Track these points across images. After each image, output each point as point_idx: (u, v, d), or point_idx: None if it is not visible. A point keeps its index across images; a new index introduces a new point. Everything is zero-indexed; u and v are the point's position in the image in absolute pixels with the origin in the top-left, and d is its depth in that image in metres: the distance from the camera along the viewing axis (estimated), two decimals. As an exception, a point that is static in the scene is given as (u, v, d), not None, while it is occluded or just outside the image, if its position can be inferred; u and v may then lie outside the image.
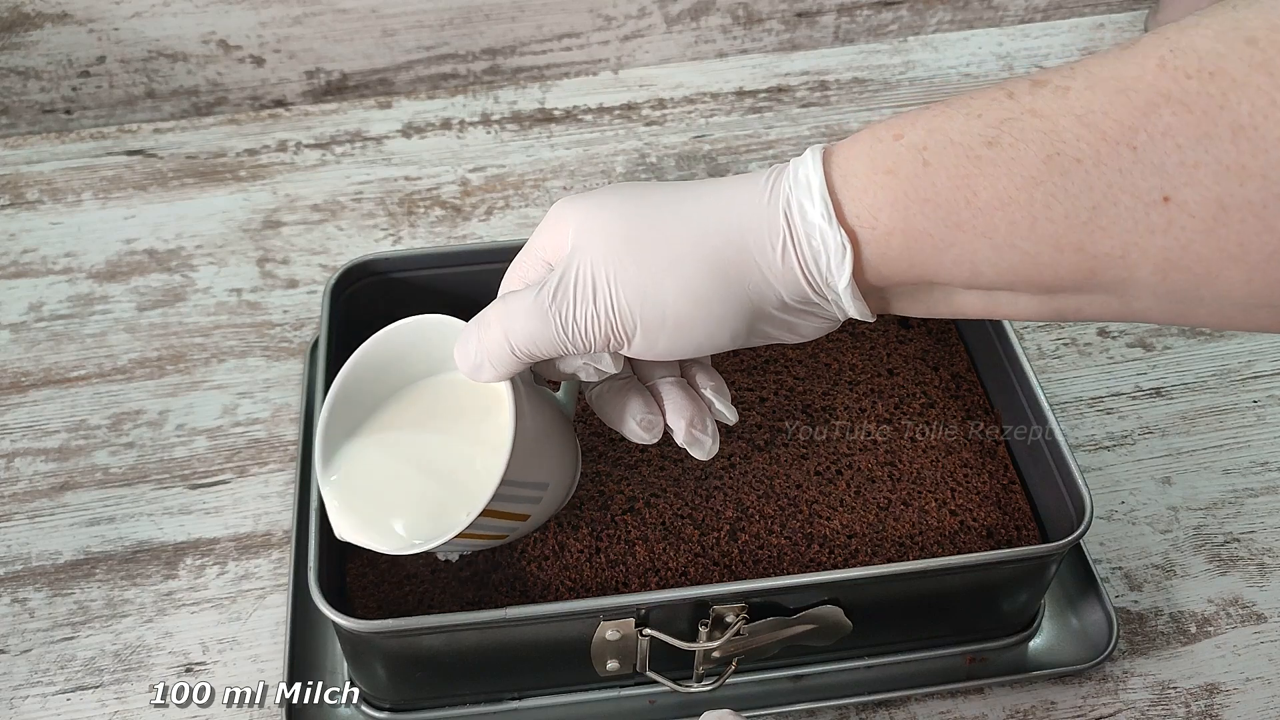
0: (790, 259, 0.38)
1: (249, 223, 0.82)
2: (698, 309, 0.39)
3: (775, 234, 0.38)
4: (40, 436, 0.69)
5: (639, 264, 0.39)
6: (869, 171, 0.37)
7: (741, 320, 0.40)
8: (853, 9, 0.96)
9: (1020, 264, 0.35)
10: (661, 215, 0.40)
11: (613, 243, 0.40)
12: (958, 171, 0.35)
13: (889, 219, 0.36)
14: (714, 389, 0.46)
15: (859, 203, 0.37)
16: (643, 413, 0.45)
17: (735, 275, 0.39)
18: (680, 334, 0.40)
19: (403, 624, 0.49)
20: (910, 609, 0.55)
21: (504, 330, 0.42)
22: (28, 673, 0.58)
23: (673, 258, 0.39)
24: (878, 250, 0.37)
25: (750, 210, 0.39)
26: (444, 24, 0.90)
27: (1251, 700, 0.57)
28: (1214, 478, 0.67)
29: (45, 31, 0.85)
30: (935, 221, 0.35)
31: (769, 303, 0.39)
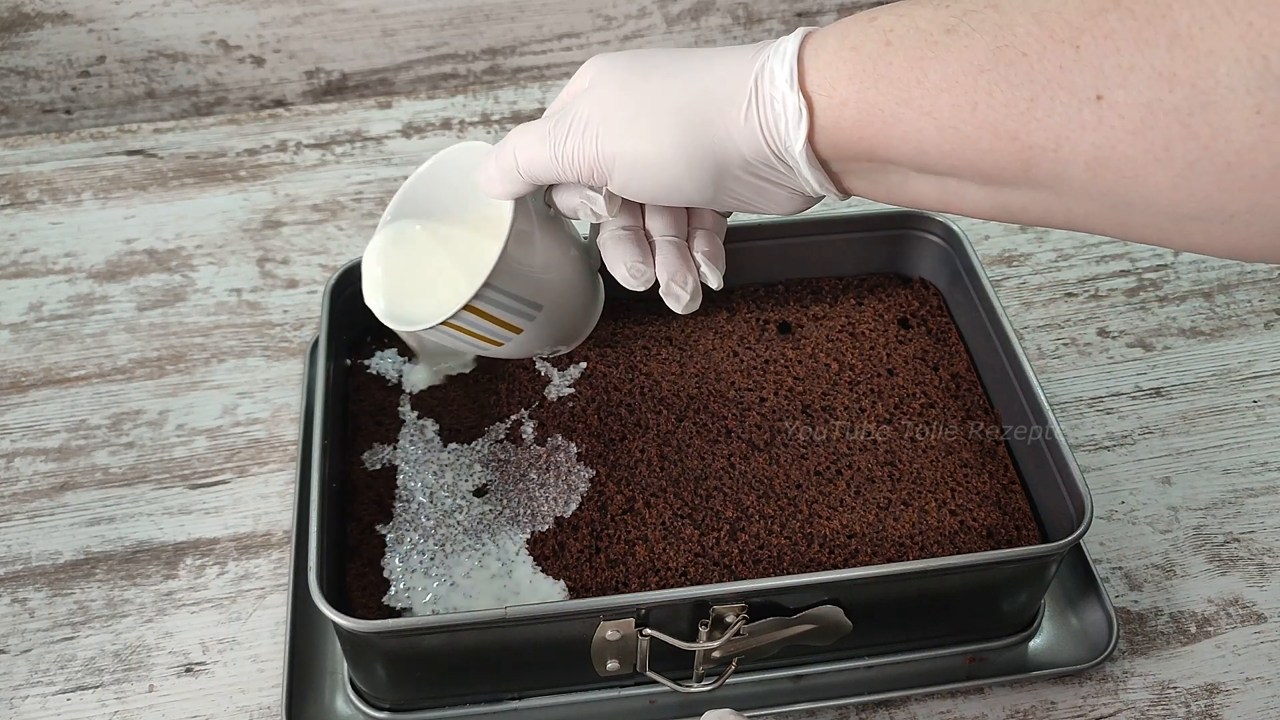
0: (752, 118, 0.41)
1: (249, 223, 0.82)
2: (662, 152, 0.42)
3: (742, 92, 0.41)
4: (40, 436, 0.69)
5: (625, 107, 0.43)
6: (837, 47, 0.39)
7: (705, 172, 0.43)
8: (853, 9, 0.96)
9: (961, 147, 0.37)
10: (657, 69, 0.44)
11: (611, 88, 0.44)
12: (914, 54, 0.37)
13: (845, 90, 0.39)
14: (706, 253, 0.49)
15: (821, 73, 0.40)
16: (633, 260, 0.48)
17: (701, 128, 0.42)
18: (648, 175, 0.43)
19: (403, 624, 0.49)
20: (910, 609, 0.55)
21: (513, 149, 0.46)
22: (28, 673, 0.58)
23: (651, 104, 0.43)
24: (832, 118, 0.40)
25: (727, 71, 0.42)
26: (444, 24, 0.90)
27: (1251, 700, 0.57)
28: (1214, 478, 0.67)
29: (45, 31, 0.85)
30: (887, 97, 0.38)
31: (732, 160, 0.42)
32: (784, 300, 0.68)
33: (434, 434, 0.61)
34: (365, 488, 0.59)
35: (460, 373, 0.64)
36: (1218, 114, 0.31)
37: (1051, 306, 0.76)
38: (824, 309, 0.67)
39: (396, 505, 0.58)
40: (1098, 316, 0.76)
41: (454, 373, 0.64)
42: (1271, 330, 0.75)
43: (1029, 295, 0.77)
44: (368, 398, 0.63)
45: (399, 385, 0.64)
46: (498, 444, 0.61)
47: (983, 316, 0.63)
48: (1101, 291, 0.77)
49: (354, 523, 0.58)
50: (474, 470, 0.60)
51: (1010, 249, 0.80)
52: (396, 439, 0.61)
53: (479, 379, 0.64)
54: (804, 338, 0.66)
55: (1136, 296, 0.77)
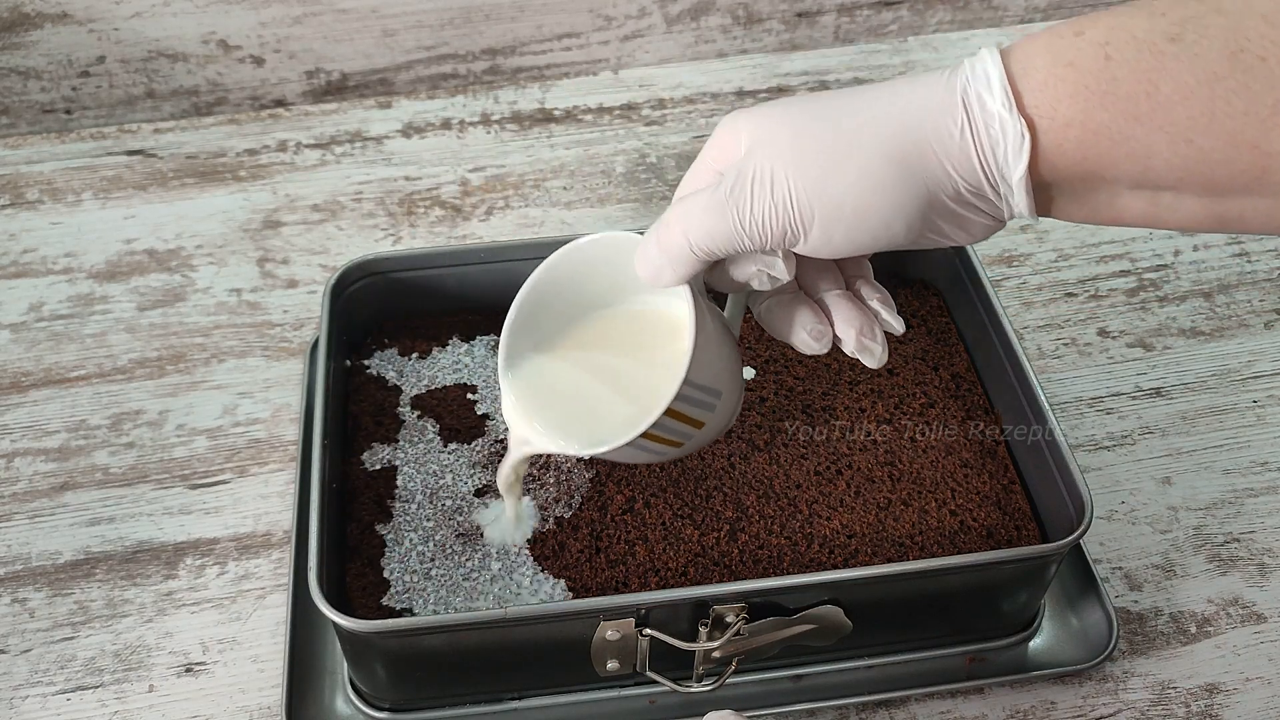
0: (968, 146, 0.39)
1: (249, 223, 0.82)
2: (876, 196, 0.39)
3: (954, 122, 0.39)
4: (40, 436, 0.69)
5: (817, 155, 0.40)
6: (1049, 65, 0.37)
7: (917, 209, 0.40)
8: (853, 9, 0.96)
9: (1194, 160, 0.35)
10: (838, 110, 0.40)
11: (789, 138, 0.40)
12: (1139, 66, 0.35)
13: (1068, 110, 0.37)
14: (880, 299, 0.46)
15: (1039, 94, 0.37)
16: (813, 323, 0.45)
17: (914, 162, 0.39)
18: (857, 224, 0.40)
19: (403, 624, 0.49)
20: (910, 609, 0.55)
21: (683, 228, 0.42)
22: (28, 673, 0.58)
23: (851, 147, 0.39)
24: (1054, 141, 0.38)
25: (929, 100, 0.39)
26: (444, 24, 0.90)
27: (1251, 700, 0.57)
28: (1214, 478, 0.67)
29: (45, 31, 0.85)
30: (1114, 114, 0.36)
31: (945, 191, 0.40)
32: (784, 300, 0.68)
33: (434, 434, 0.61)
34: (365, 488, 0.59)
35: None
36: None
37: (1051, 306, 0.76)
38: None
39: (396, 505, 0.58)
40: (1098, 316, 0.76)
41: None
42: (1271, 330, 0.75)
43: (1029, 295, 0.77)
44: (368, 398, 0.63)
45: (399, 385, 0.64)
46: (498, 444, 0.61)
47: (983, 316, 0.63)
48: (1101, 291, 0.77)
49: (354, 523, 0.58)
50: (474, 470, 0.60)
51: (1010, 249, 0.80)
52: (396, 439, 0.61)
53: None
54: (804, 338, 0.66)
55: (1136, 296, 0.77)
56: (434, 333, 0.66)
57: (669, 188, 0.84)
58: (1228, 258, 0.79)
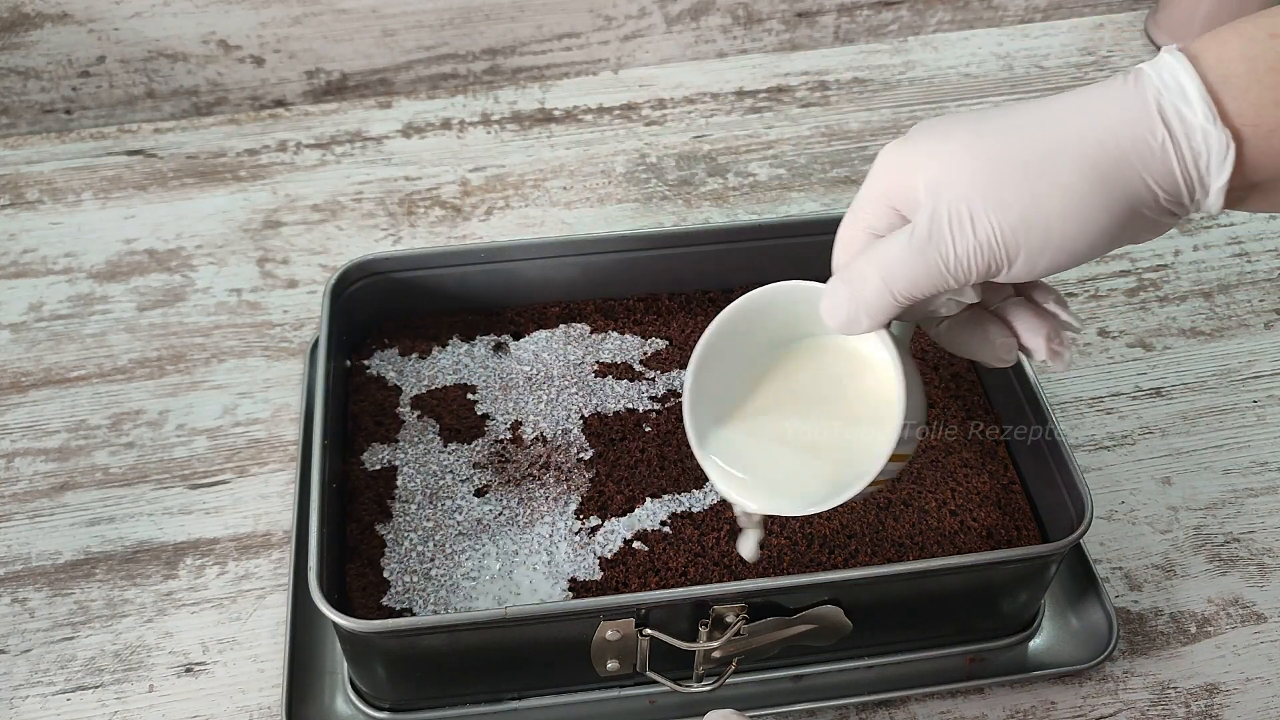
0: (1170, 159, 0.38)
1: (249, 223, 0.82)
2: (1084, 224, 0.39)
3: (1154, 136, 0.38)
4: (40, 436, 0.69)
5: (1015, 188, 0.39)
6: (1248, 71, 0.37)
7: (1121, 226, 0.39)
8: (853, 9, 0.96)
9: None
10: (1023, 133, 0.39)
11: (979, 172, 0.39)
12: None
13: (1273, 117, 0.37)
14: (1055, 300, 0.46)
15: (1240, 101, 0.37)
16: (1001, 337, 0.45)
17: (1115, 181, 0.38)
18: (1063, 250, 0.40)
19: (403, 624, 0.49)
20: (910, 609, 0.55)
21: (883, 277, 0.42)
22: (28, 673, 0.58)
23: (1050, 174, 0.39)
24: (1258, 149, 0.37)
25: (1122, 116, 0.38)
26: (444, 24, 0.90)
27: (1251, 700, 0.57)
28: (1214, 478, 0.67)
29: (45, 31, 0.85)
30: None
31: (1147, 205, 0.39)
32: (784, 300, 0.68)
33: (434, 434, 0.61)
34: (365, 488, 0.59)
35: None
36: None
37: (1051, 306, 0.76)
38: (824, 309, 0.67)
39: (396, 505, 0.58)
40: (1098, 316, 0.76)
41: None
42: (1271, 330, 0.75)
43: (1029, 295, 0.77)
44: (368, 398, 0.63)
45: (399, 385, 0.64)
46: (498, 444, 0.61)
47: (983, 316, 0.63)
48: (1101, 291, 0.77)
49: (354, 523, 0.58)
50: (474, 470, 0.60)
51: (1010, 249, 0.80)
52: (396, 439, 0.61)
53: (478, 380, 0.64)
54: (804, 338, 0.66)
55: (1136, 296, 0.77)
56: (434, 333, 0.66)
57: (669, 188, 0.84)
58: (1228, 258, 0.79)
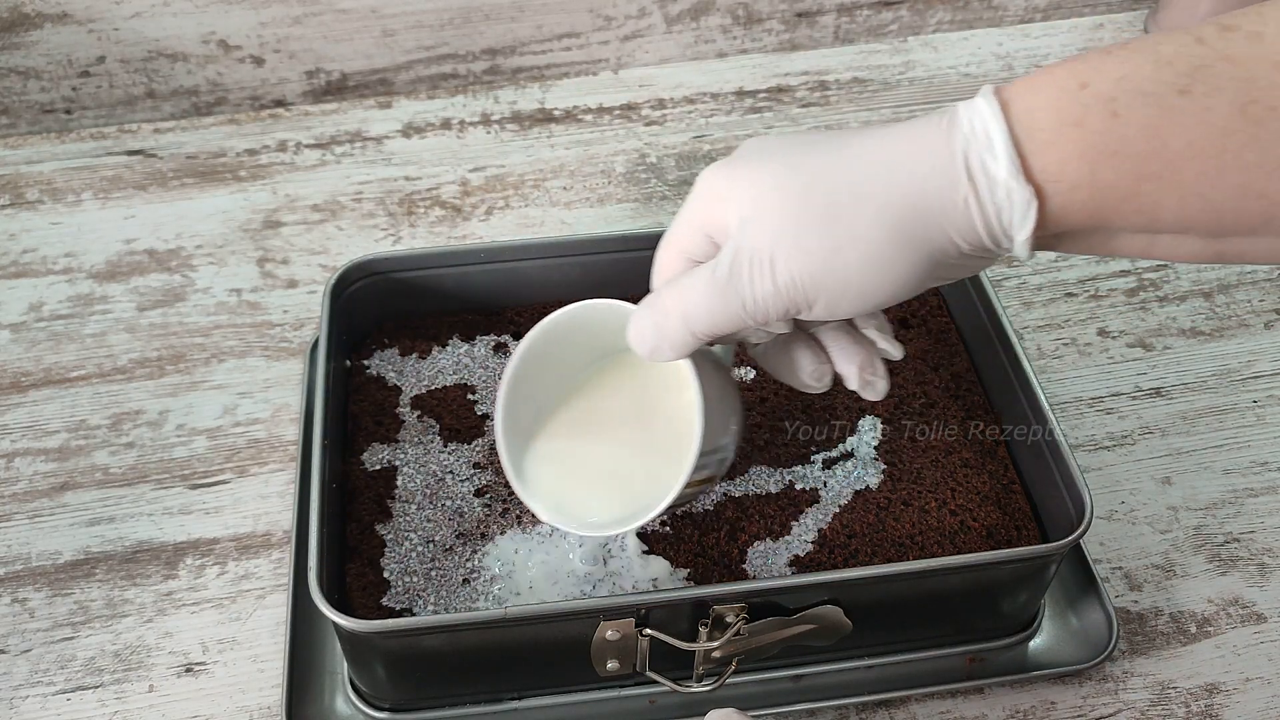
0: (972, 214, 0.38)
1: (249, 223, 0.82)
2: (883, 275, 0.39)
3: (956, 190, 0.37)
4: (40, 436, 0.69)
5: (817, 235, 0.39)
6: (1054, 124, 0.36)
7: (922, 275, 0.39)
8: (853, 9, 0.96)
9: (1201, 211, 0.35)
10: (832, 181, 0.39)
11: (786, 214, 0.39)
12: (1148, 123, 0.34)
13: (1075, 172, 0.36)
14: (876, 326, 0.46)
15: (1045, 156, 0.36)
16: (813, 364, 0.45)
17: (919, 235, 0.38)
18: (862, 297, 0.40)
19: (403, 624, 0.49)
20: (910, 609, 0.55)
21: (682, 313, 0.42)
22: (28, 673, 0.58)
23: (852, 228, 0.38)
24: (1061, 203, 0.37)
25: (928, 167, 0.38)
26: (444, 24, 0.90)
27: (1251, 700, 0.57)
28: (1214, 478, 0.67)
29: (45, 31, 0.85)
30: (1122, 174, 0.35)
31: (949, 255, 0.39)
32: (784, 300, 0.68)
33: (434, 434, 0.61)
34: (365, 488, 0.59)
35: None
36: None
37: (1051, 306, 0.76)
38: (824, 309, 0.67)
39: (396, 505, 0.58)
40: (1098, 316, 0.76)
41: None
42: (1271, 330, 0.75)
43: (1029, 295, 0.77)
44: (368, 398, 0.63)
45: (399, 385, 0.64)
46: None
47: (983, 316, 0.63)
48: (1101, 291, 0.77)
49: (354, 523, 0.58)
50: (474, 470, 0.60)
51: (1010, 249, 0.80)
52: (396, 439, 0.61)
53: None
54: (804, 338, 0.66)
55: (1136, 296, 0.77)
56: (434, 333, 0.66)
57: (669, 188, 0.84)
58: (1228, 258, 0.79)
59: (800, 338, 0.46)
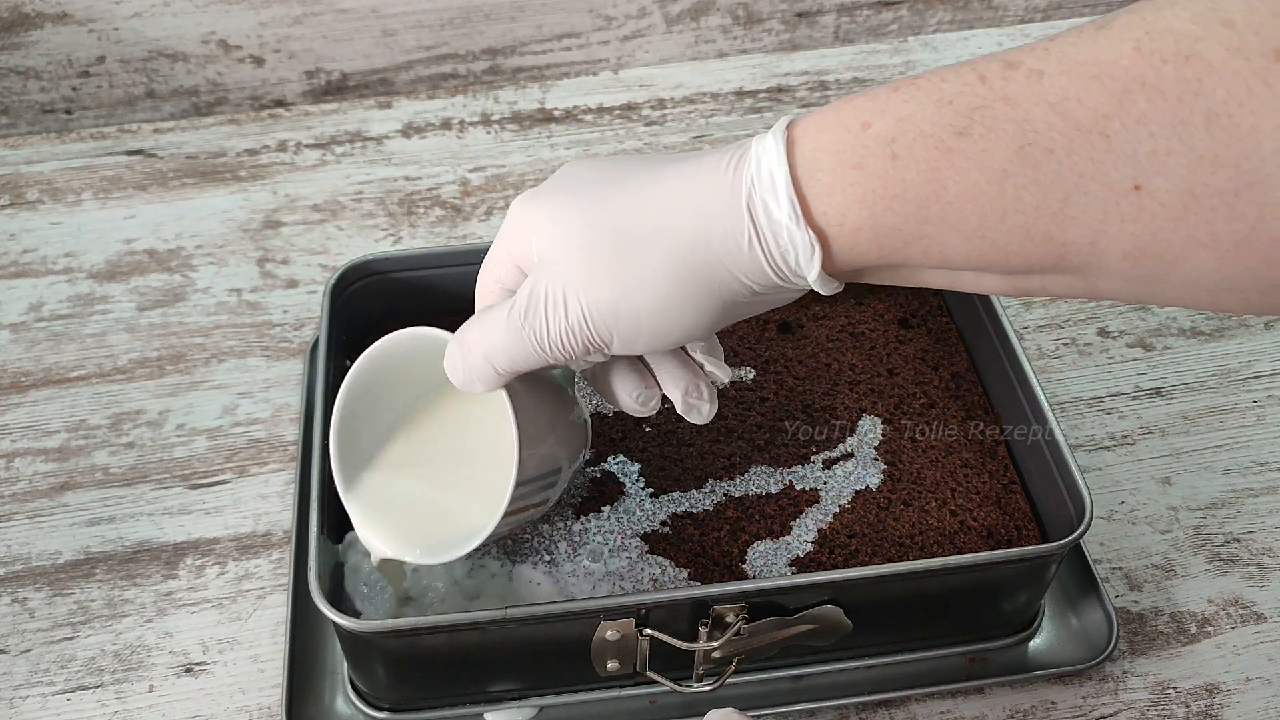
0: (758, 256, 0.38)
1: (249, 223, 0.82)
2: (670, 316, 0.39)
3: (740, 233, 0.37)
4: (40, 436, 0.69)
5: (609, 277, 0.39)
6: (836, 166, 0.36)
7: (716, 314, 0.40)
8: (853, 9, 0.96)
9: (989, 252, 0.35)
10: (624, 221, 0.39)
11: (577, 256, 0.39)
12: (927, 165, 0.34)
13: (856, 216, 0.36)
14: (704, 349, 0.45)
15: (826, 200, 0.36)
16: (638, 388, 0.45)
17: (706, 277, 0.38)
18: (656, 338, 0.40)
19: (403, 624, 0.49)
20: (910, 609, 0.55)
21: (483, 350, 0.43)
22: (28, 673, 0.58)
23: (640, 271, 0.39)
24: (846, 245, 0.37)
25: (714, 210, 0.38)
26: (444, 24, 0.90)
27: (1251, 700, 0.57)
28: (1214, 478, 0.67)
29: (45, 31, 0.85)
30: (904, 217, 0.35)
31: (740, 295, 0.39)
32: (784, 300, 0.68)
33: (434, 434, 0.61)
34: (365, 488, 0.59)
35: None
36: (1265, 192, 0.29)
37: (1051, 306, 0.76)
38: (824, 309, 0.67)
39: (396, 505, 0.58)
40: (1098, 316, 0.76)
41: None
42: (1271, 330, 0.75)
43: (1029, 295, 0.77)
44: (368, 398, 0.63)
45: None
46: (498, 444, 0.61)
47: (983, 316, 0.63)
48: (1101, 291, 0.77)
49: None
50: (474, 470, 0.60)
51: (1010, 249, 0.80)
52: (396, 439, 0.61)
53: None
54: (804, 338, 0.66)
55: (1136, 296, 0.77)
56: (434, 333, 0.66)
57: (669, 188, 0.84)
58: (1228, 258, 0.79)
59: (626, 362, 0.46)
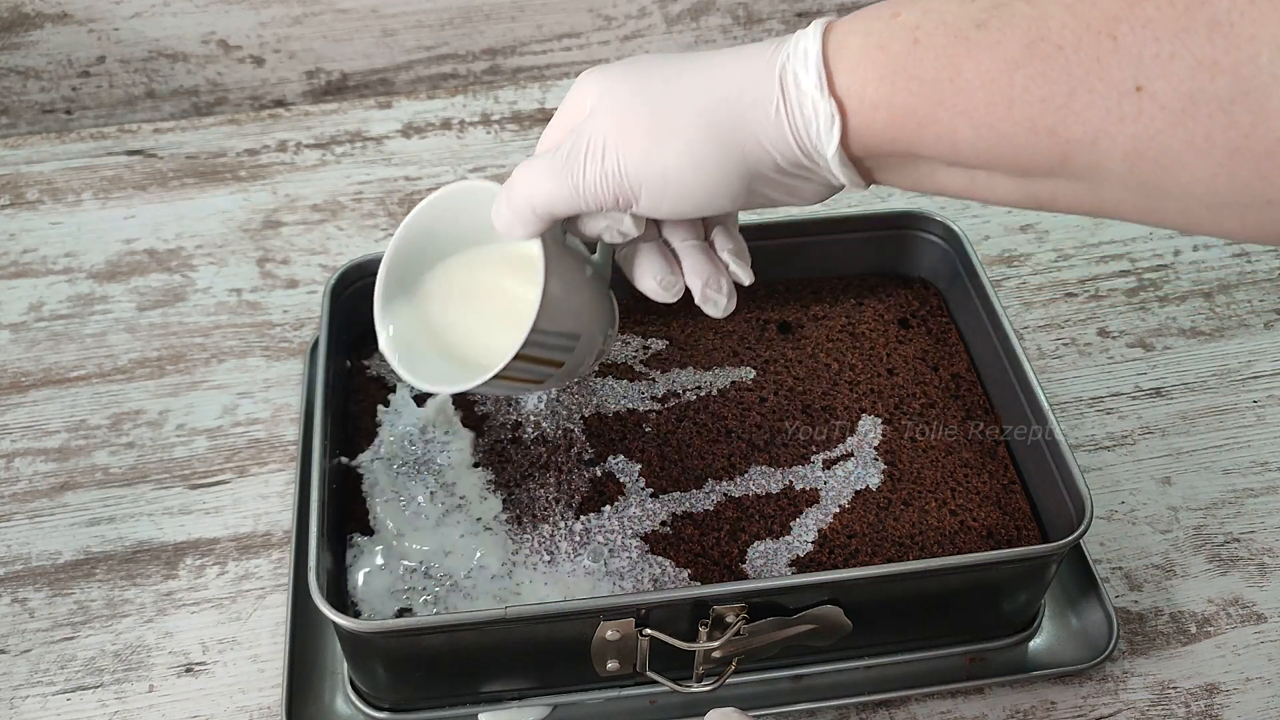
0: (783, 124, 0.40)
1: (249, 223, 0.82)
2: (696, 173, 0.41)
3: (770, 100, 0.40)
4: (40, 436, 0.69)
5: (643, 130, 0.41)
6: (862, 46, 0.38)
7: (739, 182, 0.42)
8: (853, 8, 0.96)
9: (996, 144, 0.36)
10: (668, 84, 0.42)
11: (622, 109, 0.42)
12: (945, 51, 0.36)
13: (875, 93, 0.38)
14: (732, 250, 0.48)
15: (850, 75, 0.38)
16: (663, 272, 0.47)
17: (731, 140, 0.41)
18: (681, 196, 0.42)
19: (403, 624, 0.49)
20: (910, 609, 0.55)
21: (526, 191, 0.45)
22: (28, 673, 0.58)
23: (673, 124, 0.41)
24: (864, 121, 0.39)
25: (749, 77, 0.40)
26: (444, 24, 0.90)
27: (1251, 700, 0.57)
28: (1214, 478, 0.67)
29: (45, 31, 0.85)
30: (919, 98, 0.37)
31: (764, 165, 0.41)
32: (784, 300, 0.68)
33: (434, 434, 0.61)
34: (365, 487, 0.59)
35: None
36: (1260, 100, 0.31)
37: (1051, 306, 0.76)
38: (824, 309, 0.67)
39: (396, 505, 0.58)
40: (1098, 316, 0.76)
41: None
42: (1271, 330, 0.75)
43: (1029, 295, 0.77)
44: (368, 398, 0.63)
45: (399, 385, 0.64)
46: (498, 444, 0.61)
47: (983, 316, 0.63)
48: (1101, 291, 0.77)
49: (354, 523, 0.58)
50: (474, 470, 0.60)
51: (1010, 249, 0.80)
52: (396, 439, 0.61)
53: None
54: (804, 338, 0.66)
55: (1136, 296, 0.77)
56: (434, 333, 0.66)
57: (669, 188, 0.84)
58: (1228, 258, 0.79)
59: (657, 247, 0.48)
